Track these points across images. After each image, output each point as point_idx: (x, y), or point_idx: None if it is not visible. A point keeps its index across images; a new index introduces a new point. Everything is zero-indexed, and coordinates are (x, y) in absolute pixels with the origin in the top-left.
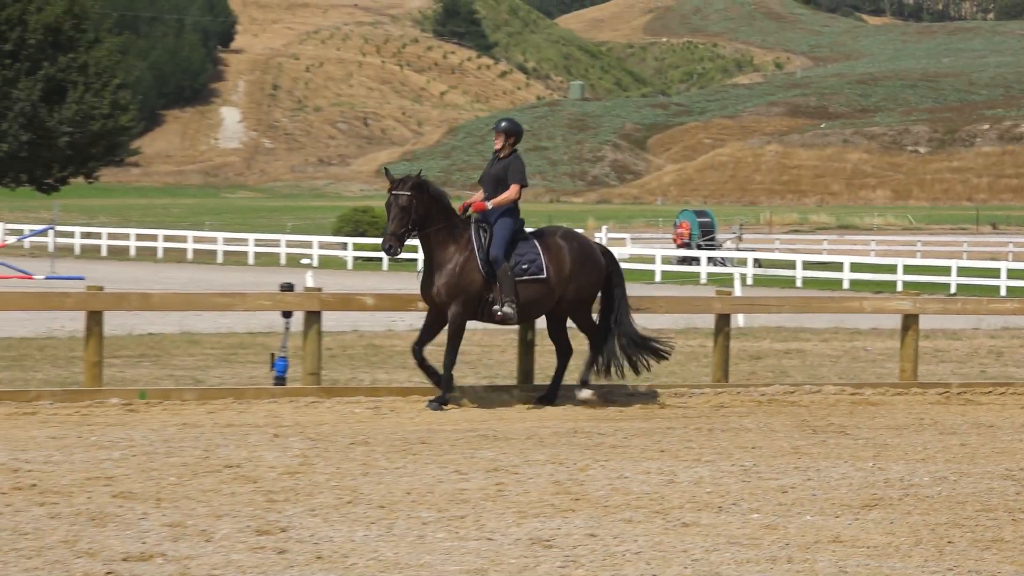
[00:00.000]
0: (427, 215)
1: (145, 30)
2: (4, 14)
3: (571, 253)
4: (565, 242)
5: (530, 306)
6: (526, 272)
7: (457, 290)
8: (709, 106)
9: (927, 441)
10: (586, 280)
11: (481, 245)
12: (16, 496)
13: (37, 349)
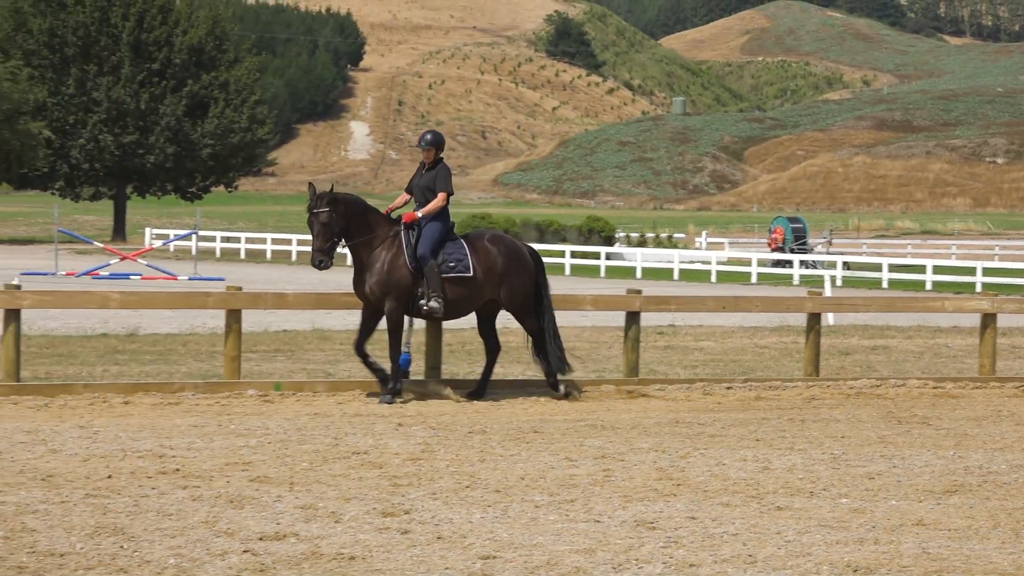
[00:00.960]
0: (349, 226)
1: (281, 50)
2: (152, 36)
3: (500, 255)
4: (492, 245)
5: (457, 303)
6: (453, 270)
7: (388, 286)
8: (801, 120)
9: (1004, 431)
10: (518, 281)
11: (410, 243)
12: (161, 480)
13: (181, 344)
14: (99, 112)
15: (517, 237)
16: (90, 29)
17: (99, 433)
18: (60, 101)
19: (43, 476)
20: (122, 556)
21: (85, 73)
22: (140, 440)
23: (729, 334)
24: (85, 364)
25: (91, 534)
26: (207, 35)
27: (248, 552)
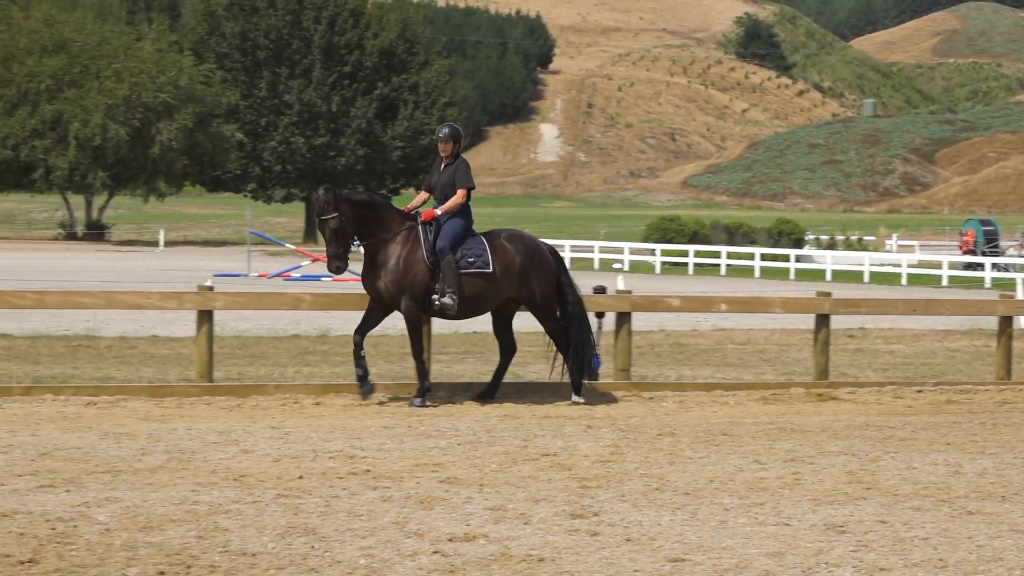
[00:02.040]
0: (362, 226)
1: (471, 53)
2: (344, 39)
3: (518, 253)
4: (510, 243)
5: (474, 300)
6: (472, 265)
7: (404, 284)
8: (993, 122)
9: None
10: (538, 280)
11: (428, 238)
12: (352, 480)
13: (372, 346)
14: (291, 115)
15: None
16: (282, 32)
17: (290, 434)
18: (252, 104)
19: (235, 476)
20: (313, 556)
21: (277, 76)
22: (331, 441)
23: (920, 337)
24: (277, 365)
25: (282, 534)
26: (398, 38)
27: (438, 553)
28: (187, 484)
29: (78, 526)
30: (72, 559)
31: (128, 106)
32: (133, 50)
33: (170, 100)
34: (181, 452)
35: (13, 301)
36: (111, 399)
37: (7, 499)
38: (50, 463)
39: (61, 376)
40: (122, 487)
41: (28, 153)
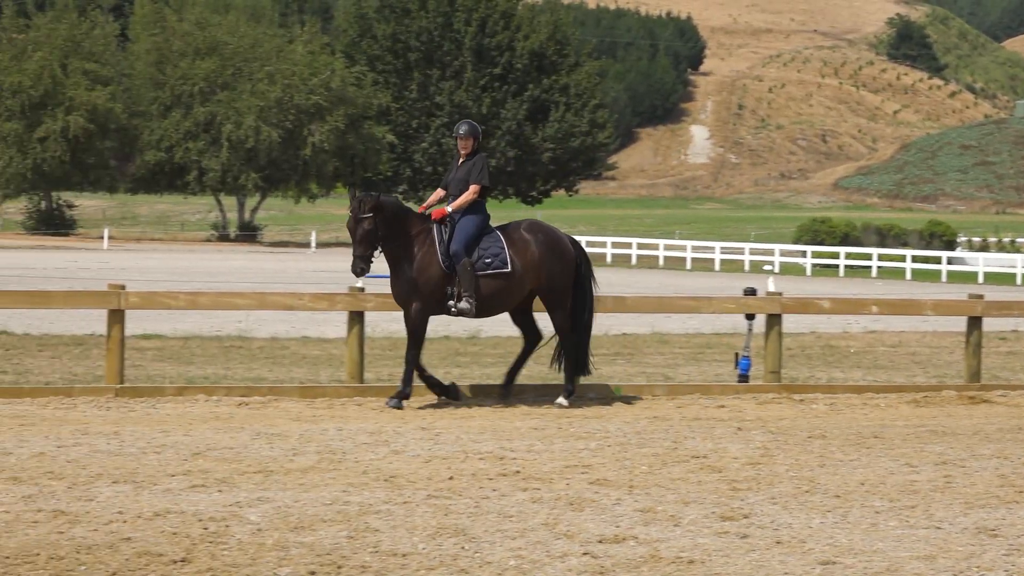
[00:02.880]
0: (390, 231)
1: (622, 54)
2: (494, 41)
3: (537, 244)
4: (530, 234)
5: (493, 299)
6: (489, 266)
7: (416, 286)
8: None
9: None
10: (557, 269)
11: (443, 240)
12: (502, 482)
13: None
14: (441, 116)
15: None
16: (433, 34)
17: (441, 435)
18: (403, 105)
19: (386, 477)
20: (463, 557)
21: (428, 78)
22: (481, 442)
23: None
24: (427, 366)
25: (433, 535)
26: (548, 40)
27: (587, 555)
28: (338, 484)
29: (230, 526)
30: (224, 559)
31: (280, 108)
32: (285, 52)
33: (322, 102)
34: (332, 452)
35: (166, 302)
36: (263, 399)
37: (160, 498)
38: (202, 463)
39: (213, 377)
40: (273, 487)
41: (182, 155)
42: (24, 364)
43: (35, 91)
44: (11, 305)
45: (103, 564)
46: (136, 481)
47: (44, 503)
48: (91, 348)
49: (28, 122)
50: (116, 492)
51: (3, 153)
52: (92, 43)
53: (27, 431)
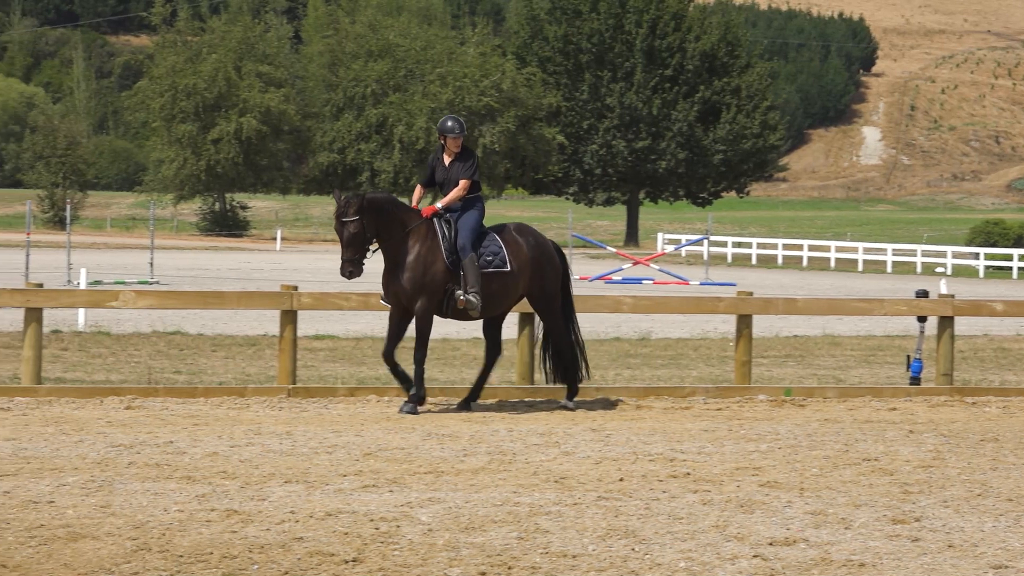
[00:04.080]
0: (381, 230)
1: (793, 55)
2: (665, 42)
3: (528, 247)
4: (521, 237)
5: (494, 299)
6: (490, 264)
7: (422, 284)
8: None
9: None
10: (548, 271)
11: (445, 235)
12: (672, 483)
13: (692, 349)
14: (612, 118)
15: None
16: (604, 36)
17: (611, 436)
18: (574, 107)
19: (556, 478)
20: (633, 559)
21: (599, 79)
22: (651, 444)
23: None
24: (598, 368)
25: (603, 536)
26: (719, 41)
27: (758, 557)
28: (508, 485)
29: (401, 526)
30: (395, 559)
31: (451, 110)
32: (457, 54)
33: (493, 104)
34: (503, 453)
35: (338, 303)
36: (434, 400)
37: (332, 498)
38: (374, 463)
39: (385, 377)
40: (444, 488)
41: (354, 156)
42: (198, 364)
43: (209, 93)
44: (185, 306)
45: (275, 563)
46: (308, 481)
47: (217, 502)
48: (264, 348)
49: (202, 124)
50: (288, 492)
51: (178, 155)
52: (266, 45)
53: (201, 431)
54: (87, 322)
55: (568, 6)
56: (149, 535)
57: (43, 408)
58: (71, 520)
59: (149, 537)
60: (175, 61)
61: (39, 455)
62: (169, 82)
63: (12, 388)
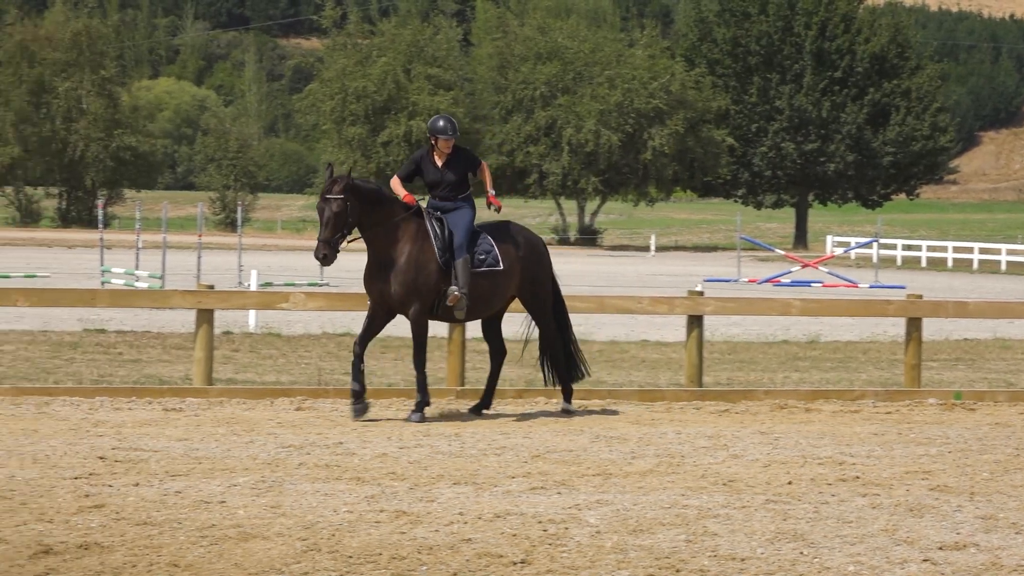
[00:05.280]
0: (365, 215)
1: (964, 57)
2: (834, 44)
3: (520, 246)
4: (512, 235)
5: (482, 301)
6: (483, 263)
7: (416, 287)
8: None
9: None
10: (539, 270)
11: (437, 235)
12: (841, 487)
13: (861, 352)
14: (780, 120)
15: None
16: (773, 38)
17: (780, 439)
18: (743, 109)
19: (724, 481)
20: (802, 562)
21: (767, 82)
22: (820, 447)
23: None
24: (766, 370)
25: (771, 539)
26: (889, 43)
27: (927, 561)
28: (676, 488)
29: (569, 528)
30: (563, 560)
31: (620, 112)
32: (625, 57)
33: (661, 106)
34: (671, 456)
35: None
36: (602, 403)
37: (501, 500)
38: (542, 465)
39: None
40: (612, 490)
41: (523, 159)
42: (368, 366)
43: (379, 96)
44: (355, 307)
45: (444, 564)
46: (477, 482)
47: (386, 503)
48: (432, 351)
49: (372, 126)
50: (457, 493)
51: (348, 157)
52: (435, 48)
53: (370, 432)
54: (258, 323)
55: (737, 8)
56: (319, 536)
57: (214, 409)
58: (242, 520)
59: (319, 538)
60: (345, 64)
61: (211, 455)
62: (339, 85)
63: (184, 389)
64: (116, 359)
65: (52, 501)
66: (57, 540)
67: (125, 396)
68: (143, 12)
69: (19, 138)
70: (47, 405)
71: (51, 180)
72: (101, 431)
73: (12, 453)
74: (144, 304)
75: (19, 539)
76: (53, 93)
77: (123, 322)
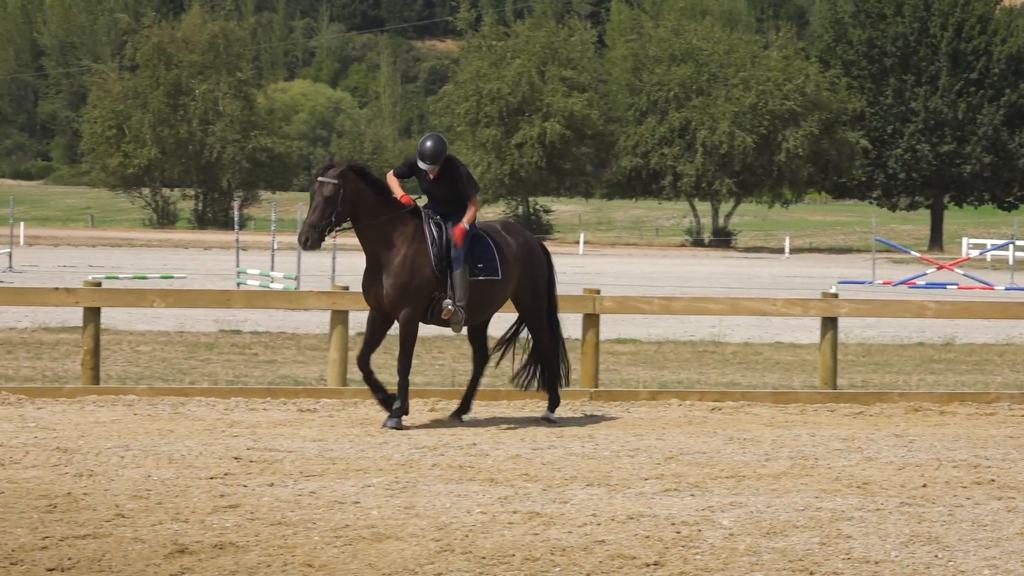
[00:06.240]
0: (358, 206)
1: None
2: (970, 46)
3: (519, 248)
4: (511, 238)
5: (479, 307)
6: (482, 272)
7: (408, 290)
8: None
9: None
10: (536, 274)
11: (435, 240)
12: (976, 490)
13: (997, 354)
14: (916, 122)
15: None
16: (908, 39)
17: (914, 442)
18: (878, 111)
19: (858, 483)
20: (936, 565)
21: (903, 83)
22: (955, 450)
23: None
24: (901, 373)
25: (905, 542)
26: None
27: None
28: (810, 490)
29: (702, 530)
30: (696, 563)
31: (755, 114)
32: (760, 58)
33: (796, 108)
34: (804, 458)
35: (640, 307)
36: (735, 404)
37: (633, 502)
38: (675, 467)
39: (687, 381)
40: (745, 492)
41: (657, 160)
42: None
43: (513, 98)
44: None
45: (577, 566)
46: (610, 484)
47: (519, 504)
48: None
49: (506, 128)
50: (590, 495)
51: (482, 159)
52: (569, 50)
53: (503, 433)
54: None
55: (872, 10)
56: (452, 536)
57: (348, 410)
58: (375, 521)
59: (452, 538)
60: (480, 66)
61: (345, 456)
62: (474, 87)
63: (319, 390)
64: (251, 360)
65: (187, 501)
66: (192, 540)
67: (260, 397)
68: (279, 14)
69: (156, 140)
70: (183, 405)
71: (188, 182)
72: (236, 431)
73: (148, 453)
74: (279, 305)
75: (155, 538)
76: (190, 95)
77: (258, 323)
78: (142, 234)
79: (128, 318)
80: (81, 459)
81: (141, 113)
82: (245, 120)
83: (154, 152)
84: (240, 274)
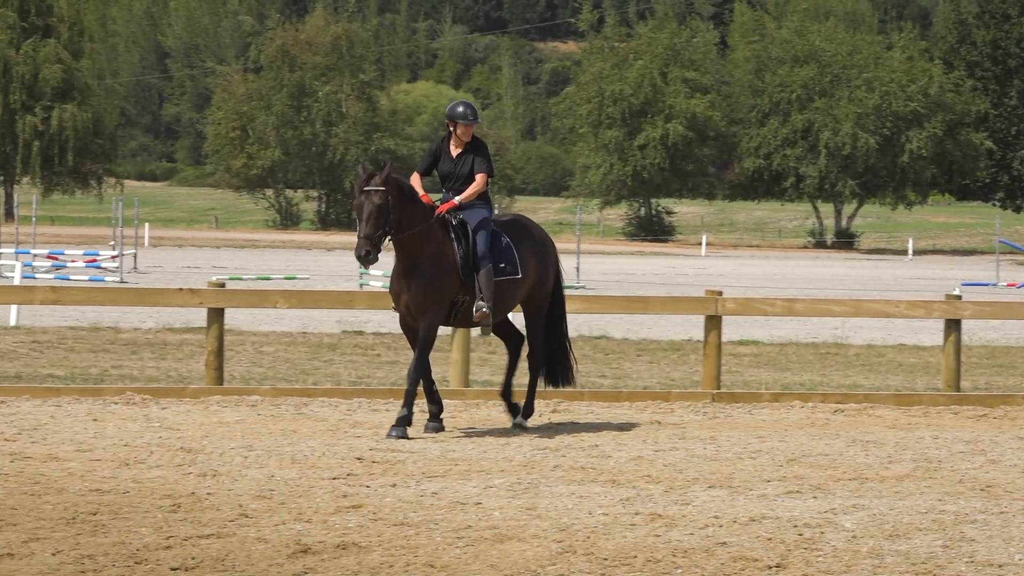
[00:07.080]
0: (403, 215)
1: None
2: None
3: (534, 247)
4: (527, 234)
5: (500, 306)
6: (504, 272)
7: (435, 295)
8: None
9: None
10: (545, 269)
11: (461, 242)
12: None
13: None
14: None
15: None
16: None
17: None
18: (1002, 112)
19: (982, 486)
20: None
21: None
22: None
23: None
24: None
25: None
26: None
27: None
28: (933, 493)
29: (824, 532)
30: (818, 565)
31: (878, 115)
32: (883, 59)
33: (920, 109)
34: (928, 461)
35: (763, 308)
36: (858, 407)
37: (756, 504)
38: (798, 469)
39: (809, 383)
40: (868, 494)
41: (779, 162)
42: (623, 368)
43: (635, 99)
44: (611, 310)
45: (698, 567)
46: (732, 486)
47: (641, 506)
48: (688, 353)
49: (628, 130)
50: (712, 496)
51: (604, 160)
52: (692, 51)
53: (625, 434)
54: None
55: (996, 10)
56: (574, 538)
57: (471, 411)
58: (497, 522)
59: (574, 540)
60: (602, 67)
61: (467, 457)
62: (596, 88)
63: (441, 391)
64: (374, 360)
65: (311, 501)
66: (315, 540)
67: (383, 397)
68: (402, 16)
69: (280, 141)
70: (306, 406)
71: (311, 183)
72: (359, 432)
73: (272, 453)
74: None
75: (278, 538)
76: (313, 97)
77: (381, 324)
78: (265, 235)
79: (251, 319)
80: (205, 459)
81: (265, 115)
82: (368, 122)
83: (277, 153)
84: (363, 275)
